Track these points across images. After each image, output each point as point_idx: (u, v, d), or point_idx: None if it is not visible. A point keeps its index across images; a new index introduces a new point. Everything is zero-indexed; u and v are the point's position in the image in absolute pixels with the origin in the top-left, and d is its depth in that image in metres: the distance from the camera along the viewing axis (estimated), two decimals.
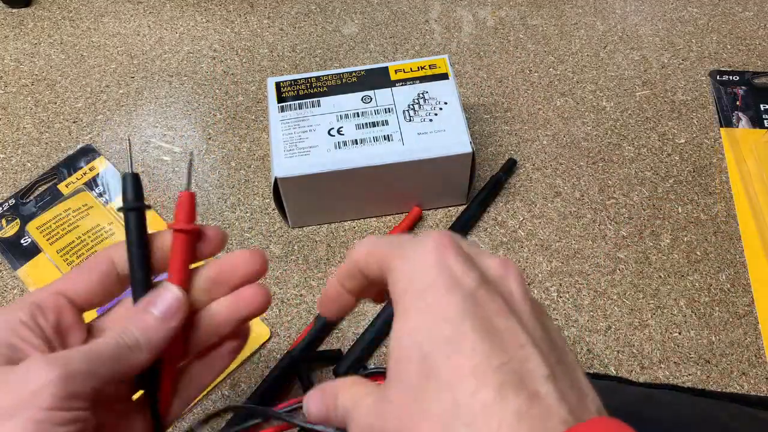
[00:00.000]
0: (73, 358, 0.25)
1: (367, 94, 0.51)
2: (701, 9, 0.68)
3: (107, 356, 0.26)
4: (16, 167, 0.57)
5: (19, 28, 0.68)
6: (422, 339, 0.22)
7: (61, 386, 0.24)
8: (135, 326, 0.28)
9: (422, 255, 0.24)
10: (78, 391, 0.24)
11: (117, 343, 0.27)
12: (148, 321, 0.28)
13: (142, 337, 0.27)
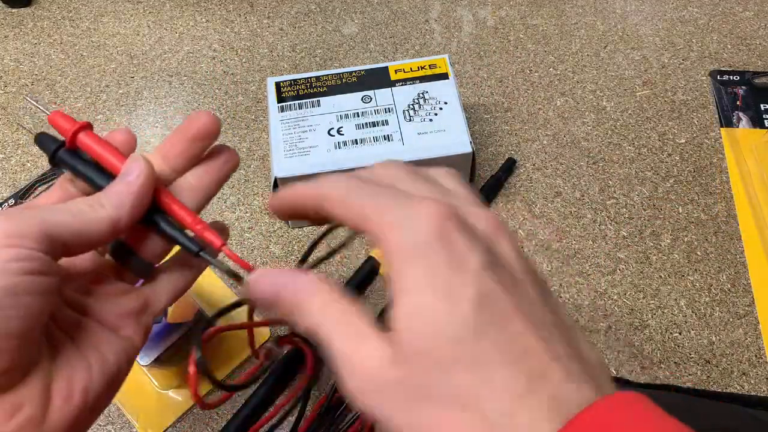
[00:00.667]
0: (25, 209, 0.26)
1: (367, 94, 0.51)
2: (701, 9, 0.68)
3: (62, 209, 0.26)
4: (16, 167, 0.57)
5: (18, 27, 0.68)
6: (443, 319, 0.22)
7: (4, 224, 0.24)
8: (101, 191, 0.28)
9: (422, 229, 0.23)
10: (23, 230, 0.24)
11: (76, 202, 0.27)
12: (114, 185, 0.28)
13: (105, 197, 0.28)
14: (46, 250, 0.25)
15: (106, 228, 0.27)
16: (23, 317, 0.24)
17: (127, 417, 0.45)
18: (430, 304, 0.22)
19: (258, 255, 0.52)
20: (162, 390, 0.45)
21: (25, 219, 0.25)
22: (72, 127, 0.30)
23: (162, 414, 0.45)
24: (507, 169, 0.55)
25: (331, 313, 0.24)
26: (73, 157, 0.30)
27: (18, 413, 0.24)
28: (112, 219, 0.28)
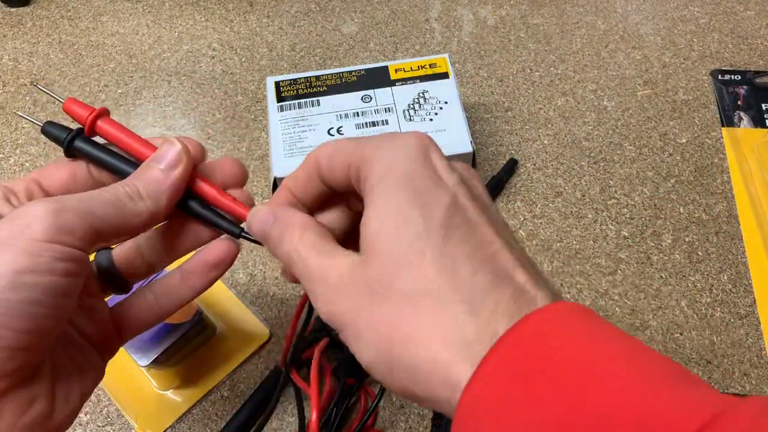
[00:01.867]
0: (68, 197, 0.25)
1: (367, 94, 0.51)
2: (702, 8, 0.68)
3: (104, 199, 0.26)
4: (15, 167, 0.57)
5: (17, 27, 0.67)
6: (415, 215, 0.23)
7: (53, 218, 0.24)
8: (137, 178, 0.28)
9: (405, 147, 0.24)
10: (70, 226, 0.24)
11: (115, 190, 0.27)
12: (151, 172, 0.28)
13: (144, 187, 0.27)
14: (86, 247, 0.25)
15: (144, 221, 0.27)
16: (55, 317, 0.24)
17: (126, 418, 0.44)
18: (403, 204, 0.23)
19: (258, 255, 0.52)
20: (161, 391, 0.45)
21: (76, 212, 0.24)
22: (90, 114, 0.29)
23: (161, 415, 0.45)
24: (509, 170, 0.55)
25: (306, 239, 0.25)
26: (91, 145, 0.29)
27: (32, 407, 0.24)
28: (152, 212, 0.27)
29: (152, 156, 0.29)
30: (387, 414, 0.45)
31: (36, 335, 0.23)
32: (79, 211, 0.25)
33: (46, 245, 0.23)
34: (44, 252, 0.23)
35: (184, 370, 0.46)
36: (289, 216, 0.27)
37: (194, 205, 0.29)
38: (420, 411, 0.45)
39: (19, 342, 0.23)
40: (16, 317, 0.23)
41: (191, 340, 0.44)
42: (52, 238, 0.23)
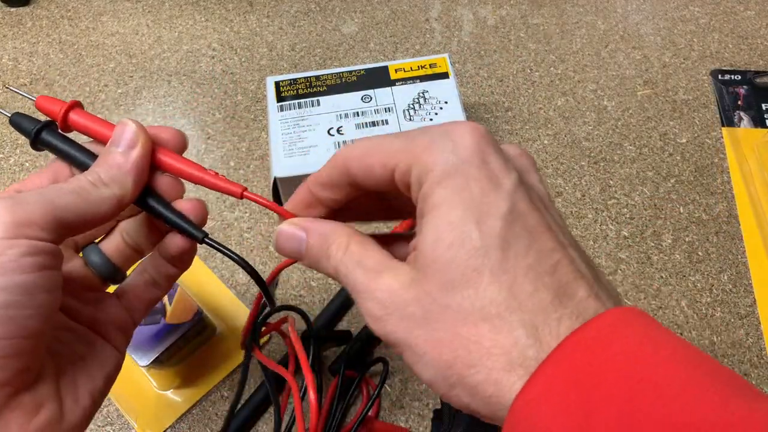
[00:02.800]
0: (28, 192, 0.24)
1: (366, 94, 0.51)
2: (703, 8, 0.68)
3: (66, 189, 0.25)
4: (15, 167, 0.57)
5: (17, 27, 0.67)
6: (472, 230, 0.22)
7: (11, 214, 0.23)
8: (97, 165, 0.27)
9: (461, 147, 0.23)
10: (31, 218, 0.23)
11: (77, 180, 0.26)
12: (111, 157, 0.27)
13: (105, 172, 0.26)
14: (54, 238, 0.24)
15: (112, 207, 0.26)
16: (39, 316, 0.23)
17: (126, 418, 0.44)
18: (460, 218, 0.22)
19: (257, 255, 0.52)
20: (161, 391, 0.45)
21: (33, 203, 0.24)
22: (62, 108, 0.28)
23: (161, 414, 0.45)
24: None
25: (351, 253, 0.24)
26: (58, 138, 0.28)
27: (39, 413, 0.24)
28: (118, 197, 0.27)
29: (109, 141, 0.28)
30: (387, 414, 0.44)
31: (23, 339, 0.23)
32: (38, 202, 0.24)
33: (8, 242, 0.22)
34: (8, 250, 0.22)
35: (184, 370, 0.46)
36: (324, 229, 0.25)
37: (153, 203, 0.28)
38: (420, 411, 0.45)
39: (8, 349, 0.22)
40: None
41: (191, 340, 0.44)
42: (13, 233, 0.22)
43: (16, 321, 0.22)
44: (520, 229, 0.22)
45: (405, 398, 0.45)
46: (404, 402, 0.45)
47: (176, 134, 0.30)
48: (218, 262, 0.51)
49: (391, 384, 0.46)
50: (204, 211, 0.30)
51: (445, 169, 0.22)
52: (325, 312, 0.48)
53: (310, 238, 0.26)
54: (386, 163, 0.24)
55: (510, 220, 0.22)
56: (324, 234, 0.25)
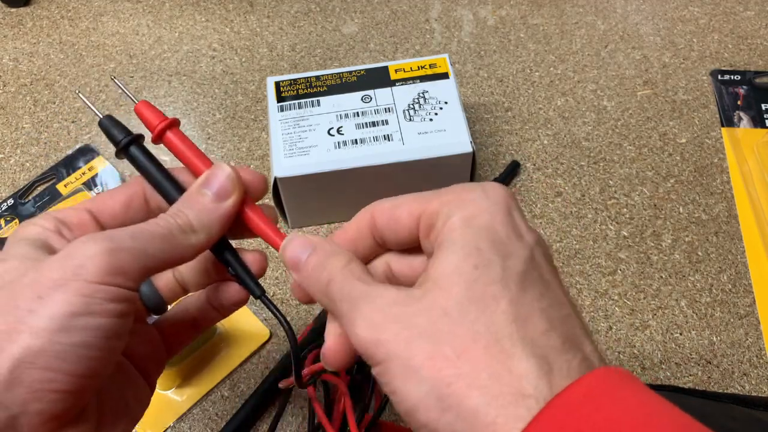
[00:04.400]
0: (120, 234, 0.24)
1: (367, 94, 0.51)
2: (702, 8, 0.68)
3: (157, 235, 0.25)
4: (15, 167, 0.57)
5: (18, 27, 0.67)
6: (497, 262, 0.22)
7: (107, 259, 0.23)
8: (188, 207, 0.26)
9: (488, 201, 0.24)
10: (124, 267, 0.23)
11: (167, 224, 0.26)
12: (201, 201, 0.27)
13: (196, 219, 0.26)
14: (138, 285, 0.24)
15: (193, 254, 0.26)
16: (106, 359, 0.23)
17: None
18: (487, 248, 0.23)
19: None
20: (161, 390, 0.45)
21: (128, 251, 0.24)
22: (161, 122, 0.28)
23: (162, 414, 0.45)
24: (510, 172, 0.55)
25: (351, 268, 0.25)
26: (146, 156, 0.28)
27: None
28: (202, 245, 0.26)
29: (202, 180, 0.27)
30: (387, 414, 0.45)
31: (87, 378, 0.23)
32: (132, 250, 0.24)
33: (99, 287, 0.23)
34: (97, 294, 0.22)
35: (184, 370, 0.46)
36: (331, 248, 0.26)
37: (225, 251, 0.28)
38: None
39: (71, 385, 0.22)
40: (68, 361, 0.22)
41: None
42: (105, 279, 0.23)
43: (86, 361, 0.22)
44: (537, 276, 0.23)
45: None
46: None
47: (259, 178, 0.30)
48: None
49: None
50: (265, 264, 0.30)
51: (475, 209, 0.23)
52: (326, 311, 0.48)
53: (313, 252, 0.26)
54: (413, 211, 0.25)
55: (530, 267, 0.23)
56: (327, 252, 0.26)
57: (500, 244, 0.23)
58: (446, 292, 0.22)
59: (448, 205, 0.24)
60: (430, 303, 0.22)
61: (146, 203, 0.29)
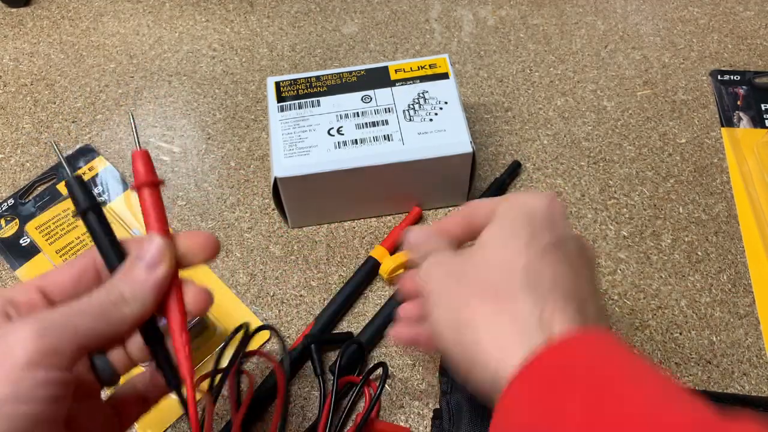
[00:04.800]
0: (52, 315, 0.24)
1: (367, 94, 0.51)
2: (702, 8, 0.68)
3: (90, 312, 0.25)
4: (15, 167, 0.57)
5: (18, 27, 0.67)
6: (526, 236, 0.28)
7: (36, 343, 0.23)
8: (121, 281, 0.27)
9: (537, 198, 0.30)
10: (55, 349, 0.23)
11: (100, 298, 0.26)
12: (135, 272, 0.27)
13: (128, 290, 0.26)
14: (71, 364, 0.24)
15: (130, 326, 0.27)
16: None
17: None
18: (518, 227, 0.29)
19: (258, 255, 0.52)
20: None
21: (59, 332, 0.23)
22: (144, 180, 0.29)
23: (162, 414, 0.45)
24: (511, 172, 0.55)
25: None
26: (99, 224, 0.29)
27: None
28: (136, 316, 0.27)
29: (135, 252, 0.28)
30: (387, 414, 0.45)
31: None
32: (64, 330, 0.24)
33: (27, 372, 0.22)
34: (25, 380, 0.22)
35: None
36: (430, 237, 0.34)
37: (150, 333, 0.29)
38: (420, 411, 0.45)
39: None
40: None
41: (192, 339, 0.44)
42: (35, 363, 0.22)
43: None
44: (561, 256, 0.28)
45: (405, 398, 0.45)
46: (404, 401, 0.45)
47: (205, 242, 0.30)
48: (218, 262, 0.52)
49: (392, 384, 0.46)
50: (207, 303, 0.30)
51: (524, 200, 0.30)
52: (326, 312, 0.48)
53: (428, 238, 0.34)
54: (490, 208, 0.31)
55: (555, 247, 0.28)
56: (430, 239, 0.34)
57: (534, 225, 0.29)
58: (482, 251, 0.29)
59: (507, 198, 0.31)
60: (469, 259, 0.29)
61: (98, 276, 0.29)
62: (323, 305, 0.49)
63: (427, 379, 0.46)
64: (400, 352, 0.47)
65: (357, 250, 0.52)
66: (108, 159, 0.57)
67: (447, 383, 0.42)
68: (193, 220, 0.54)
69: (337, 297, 0.49)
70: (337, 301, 0.49)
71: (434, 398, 0.45)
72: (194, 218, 0.54)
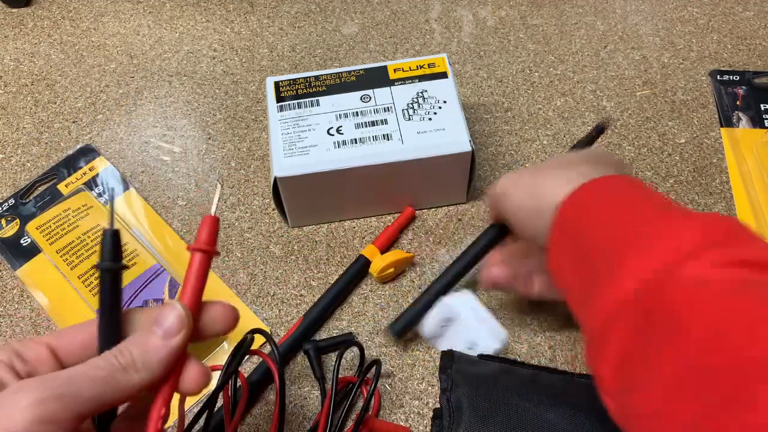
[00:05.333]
0: (55, 380, 0.24)
1: (366, 93, 0.51)
2: (701, 9, 0.68)
3: (95, 378, 0.25)
4: (16, 167, 0.57)
5: (18, 27, 0.68)
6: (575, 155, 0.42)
7: (36, 411, 0.23)
8: (134, 345, 0.27)
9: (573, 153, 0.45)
10: (55, 417, 0.23)
11: (108, 364, 0.26)
12: (150, 340, 0.27)
13: (140, 357, 0.26)
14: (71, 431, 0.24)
15: (135, 393, 0.26)
16: None
17: None
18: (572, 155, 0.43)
19: (258, 255, 0.52)
20: None
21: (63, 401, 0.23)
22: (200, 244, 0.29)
23: None
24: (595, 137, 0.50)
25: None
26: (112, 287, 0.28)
27: None
28: (143, 385, 0.26)
29: (153, 319, 0.27)
30: (387, 413, 0.45)
31: None
32: (66, 398, 0.24)
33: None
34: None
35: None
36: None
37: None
38: (420, 410, 0.45)
39: None
40: None
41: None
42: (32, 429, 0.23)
43: None
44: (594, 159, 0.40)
45: (405, 397, 0.45)
46: (404, 401, 0.45)
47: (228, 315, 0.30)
48: (219, 262, 0.52)
49: (392, 383, 0.46)
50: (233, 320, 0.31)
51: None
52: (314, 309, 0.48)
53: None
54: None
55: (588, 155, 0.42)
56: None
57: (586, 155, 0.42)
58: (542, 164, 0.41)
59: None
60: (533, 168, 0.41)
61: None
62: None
63: (427, 378, 0.46)
64: (400, 351, 0.47)
65: (357, 250, 0.52)
66: (108, 159, 0.57)
67: (447, 381, 0.43)
68: (193, 220, 0.54)
69: (325, 295, 0.49)
70: (325, 299, 0.49)
71: (434, 398, 0.45)
72: (194, 218, 0.54)
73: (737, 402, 0.23)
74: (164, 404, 0.28)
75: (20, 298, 0.50)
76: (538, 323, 0.48)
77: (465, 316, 0.45)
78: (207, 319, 0.30)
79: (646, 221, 0.32)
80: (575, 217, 0.35)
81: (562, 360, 0.47)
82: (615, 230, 0.32)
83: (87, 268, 0.50)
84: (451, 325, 0.46)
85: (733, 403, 0.23)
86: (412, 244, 0.53)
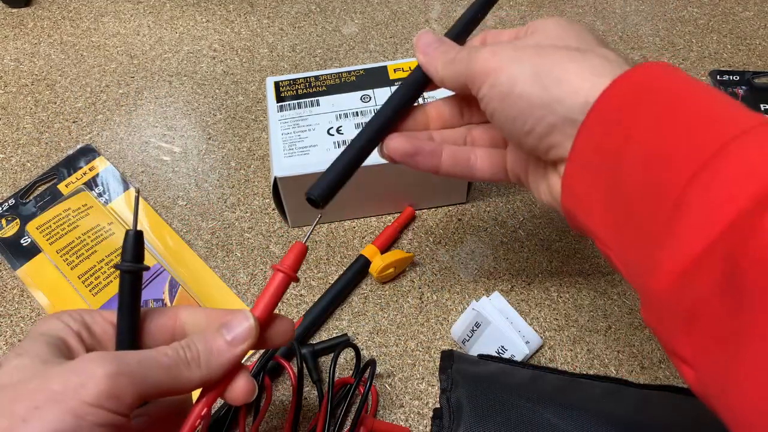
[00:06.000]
0: (128, 359, 0.25)
1: (366, 93, 0.51)
2: (701, 9, 0.68)
3: (162, 365, 0.26)
4: (16, 167, 0.57)
5: (19, 27, 0.68)
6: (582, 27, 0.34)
7: (108, 383, 0.24)
8: (201, 342, 0.28)
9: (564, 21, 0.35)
10: (122, 393, 0.24)
11: (175, 354, 0.27)
12: (217, 342, 0.28)
13: (205, 355, 0.27)
14: (130, 411, 0.24)
15: (189, 389, 0.27)
16: None
17: None
18: (575, 25, 0.34)
19: (258, 255, 0.52)
20: None
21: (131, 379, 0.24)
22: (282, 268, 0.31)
23: None
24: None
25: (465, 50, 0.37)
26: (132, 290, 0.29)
27: None
28: (200, 383, 0.27)
29: (223, 323, 0.28)
30: (387, 413, 0.45)
31: None
32: (134, 377, 0.24)
33: (92, 409, 0.23)
34: (89, 416, 0.23)
35: None
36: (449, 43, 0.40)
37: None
38: (420, 410, 0.45)
39: None
40: None
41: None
42: (101, 402, 0.23)
43: None
44: (599, 39, 0.32)
45: (405, 397, 0.45)
46: (404, 401, 0.45)
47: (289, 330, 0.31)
48: (219, 262, 0.52)
49: (392, 383, 0.46)
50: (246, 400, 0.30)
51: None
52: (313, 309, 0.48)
53: (442, 42, 0.40)
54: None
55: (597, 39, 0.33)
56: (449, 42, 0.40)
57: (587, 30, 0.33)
58: (545, 33, 0.32)
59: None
60: (534, 38, 0.32)
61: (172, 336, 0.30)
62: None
63: (427, 378, 0.46)
64: (400, 351, 0.47)
65: (357, 250, 0.52)
66: (109, 159, 0.57)
67: (447, 381, 0.43)
68: (194, 220, 0.54)
69: (325, 295, 0.49)
70: (325, 299, 0.49)
71: (434, 398, 0.45)
72: (194, 218, 0.54)
73: None
74: (207, 405, 0.29)
75: (20, 298, 0.50)
76: (538, 323, 0.48)
77: (495, 321, 0.45)
78: (271, 332, 0.31)
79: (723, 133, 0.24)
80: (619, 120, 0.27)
81: (562, 360, 0.47)
82: (689, 141, 0.25)
83: (87, 268, 0.50)
84: (482, 329, 0.45)
85: None
86: (412, 244, 0.53)
